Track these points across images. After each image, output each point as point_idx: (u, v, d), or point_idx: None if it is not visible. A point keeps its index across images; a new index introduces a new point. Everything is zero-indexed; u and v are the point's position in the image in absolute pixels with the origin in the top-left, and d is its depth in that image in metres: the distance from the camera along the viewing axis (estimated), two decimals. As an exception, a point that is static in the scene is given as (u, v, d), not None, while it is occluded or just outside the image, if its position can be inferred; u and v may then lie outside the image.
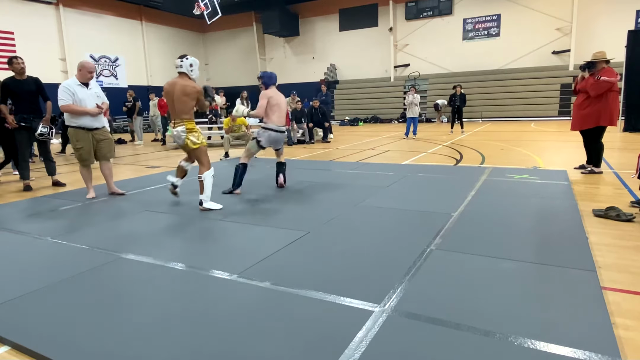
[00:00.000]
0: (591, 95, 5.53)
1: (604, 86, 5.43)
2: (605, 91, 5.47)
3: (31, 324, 2.13)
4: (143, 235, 3.59)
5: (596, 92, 5.47)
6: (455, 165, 6.94)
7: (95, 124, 5.07)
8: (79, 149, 5.03)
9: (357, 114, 21.59)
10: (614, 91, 5.52)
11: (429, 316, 2.06)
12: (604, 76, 5.45)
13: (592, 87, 5.50)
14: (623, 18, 16.85)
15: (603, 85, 5.43)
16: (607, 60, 5.59)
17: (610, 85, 5.43)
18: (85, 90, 4.97)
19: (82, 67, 5.01)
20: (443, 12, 20.46)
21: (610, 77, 5.44)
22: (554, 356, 1.71)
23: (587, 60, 5.80)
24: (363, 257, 2.90)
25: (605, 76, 5.45)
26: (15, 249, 3.37)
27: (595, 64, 5.60)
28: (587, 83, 5.62)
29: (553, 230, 3.36)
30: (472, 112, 18.58)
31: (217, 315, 2.15)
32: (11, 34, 16.71)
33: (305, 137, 11.66)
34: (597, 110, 5.54)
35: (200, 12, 19.36)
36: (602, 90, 5.46)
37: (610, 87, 5.45)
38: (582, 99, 5.70)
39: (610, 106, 5.52)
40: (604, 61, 5.58)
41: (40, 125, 5.70)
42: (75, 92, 4.87)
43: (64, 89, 4.86)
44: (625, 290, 2.32)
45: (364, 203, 4.43)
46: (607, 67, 5.55)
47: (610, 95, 5.51)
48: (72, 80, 4.97)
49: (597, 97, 5.50)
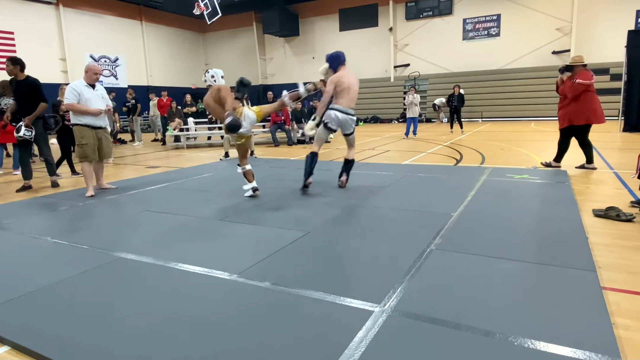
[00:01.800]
0: (568, 97, 5.93)
1: (579, 88, 5.82)
2: (582, 92, 5.84)
3: (31, 324, 2.13)
4: (143, 235, 3.59)
5: (573, 94, 5.87)
6: (455, 165, 6.94)
7: (99, 123, 5.34)
8: (83, 145, 5.24)
9: (357, 114, 21.46)
10: (590, 92, 5.87)
11: (429, 316, 2.05)
12: (579, 79, 5.83)
13: (569, 89, 5.91)
14: (623, 18, 16.85)
15: (579, 87, 5.82)
16: (584, 64, 5.97)
17: (586, 87, 5.81)
18: (91, 91, 5.24)
19: (89, 69, 5.29)
20: (443, 12, 20.45)
21: (586, 79, 5.81)
22: (554, 356, 1.71)
23: (565, 64, 6.24)
24: (363, 257, 2.90)
25: (581, 79, 5.83)
26: (15, 249, 3.37)
27: (573, 67, 6.01)
28: (565, 86, 6.05)
29: (553, 230, 3.36)
30: (472, 112, 18.59)
31: (217, 315, 2.15)
32: (11, 34, 16.71)
33: (306, 137, 11.66)
34: (574, 110, 5.94)
35: (200, 12, 19.37)
36: (578, 92, 5.85)
37: (587, 88, 5.82)
38: (562, 100, 6.15)
39: (588, 106, 5.88)
40: (581, 65, 5.96)
41: (23, 127, 5.68)
42: (82, 93, 5.14)
43: (70, 90, 5.14)
44: (625, 290, 2.32)
45: (364, 203, 4.43)
46: (583, 70, 5.92)
47: (588, 95, 5.87)
48: (79, 82, 5.25)
49: (575, 98, 5.88)
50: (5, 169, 8.07)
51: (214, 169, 7.31)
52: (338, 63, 5.03)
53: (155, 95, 14.33)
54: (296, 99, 5.11)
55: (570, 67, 6.06)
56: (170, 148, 11.95)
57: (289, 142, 11.29)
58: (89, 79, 5.24)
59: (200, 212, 4.32)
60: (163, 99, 13.53)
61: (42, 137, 5.97)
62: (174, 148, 11.92)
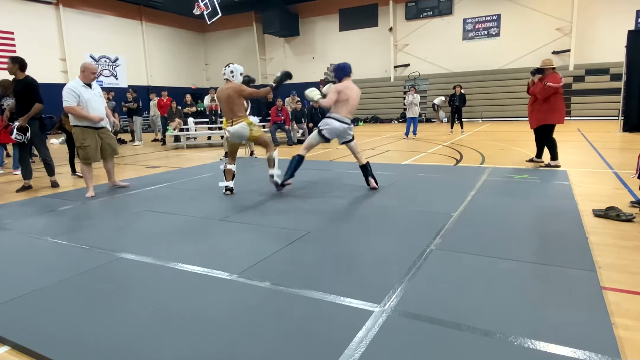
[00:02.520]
0: (539, 98, 6.26)
1: (549, 90, 6.13)
2: (552, 94, 6.16)
3: (31, 324, 2.13)
4: (143, 235, 3.59)
5: (543, 96, 6.20)
6: (455, 165, 6.94)
7: (100, 123, 5.31)
8: (85, 147, 5.18)
9: (357, 114, 21.51)
10: (558, 93, 6.22)
11: (429, 316, 2.05)
12: (549, 81, 6.13)
13: (540, 91, 6.23)
14: (623, 18, 16.84)
15: (548, 89, 6.13)
16: (553, 67, 6.31)
17: (555, 89, 6.13)
18: (89, 91, 5.15)
19: (85, 68, 5.20)
20: (443, 12, 20.44)
21: (555, 82, 6.12)
22: (554, 356, 1.71)
23: (536, 67, 6.50)
24: (363, 256, 2.90)
25: (551, 81, 6.12)
26: (15, 249, 3.37)
27: (544, 70, 6.30)
28: (536, 87, 6.33)
29: (553, 230, 3.36)
30: (472, 112, 18.58)
31: (217, 316, 2.15)
32: (11, 34, 16.71)
33: (306, 137, 11.66)
34: (544, 111, 6.28)
35: (200, 12, 19.35)
36: (548, 94, 6.16)
37: (556, 91, 6.15)
38: (533, 101, 6.46)
39: (556, 106, 6.24)
40: (551, 68, 6.28)
41: (15, 131, 5.67)
42: (81, 94, 5.04)
43: (69, 91, 5.00)
44: (625, 290, 2.32)
45: (364, 203, 4.43)
46: (553, 73, 6.22)
47: (556, 97, 6.21)
48: (76, 82, 5.13)
49: (545, 99, 6.21)
50: (5, 168, 8.08)
51: (214, 169, 7.31)
52: (344, 74, 5.06)
53: (155, 95, 14.33)
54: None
55: (541, 70, 6.35)
56: (170, 148, 11.95)
57: (289, 142, 11.29)
58: (85, 79, 5.14)
59: (200, 212, 4.32)
60: (163, 99, 13.53)
61: (38, 137, 5.94)
62: (174, 148, 11.92)
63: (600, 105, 17.06)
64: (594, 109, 17.14)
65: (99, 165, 5.44)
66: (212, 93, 13.58)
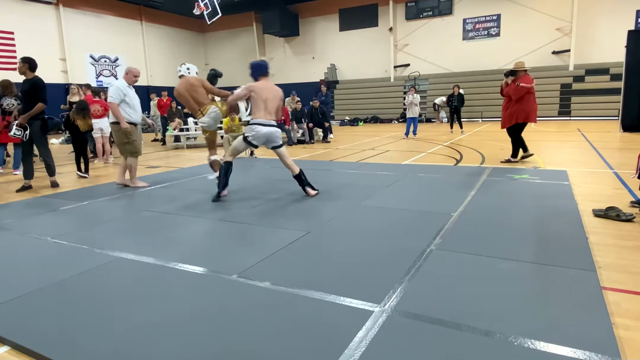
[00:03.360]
0: (512, 99, 6.57)
1: (522, 90, 6.47)
2: (524, 94, 6.49)
3: (31, 324, 2.13)
4: (143, 235, 3.59)
5: (516, 96, 6.53)
6: (455, 165, 6.95)
7: (139, 120, 5.86)
8: (133, 142, 5.67)
9: (357, 114, 21.58)
10: (531, 94, 6.54)
11: (429, 316, 2.05)
12: (522, 82, 6.48)
13: (513, 91, 6.55)
14: (623, 18, 16.84)
15: (521, 90, 6.48)
16: (525, 69, 6.65)
17: (527, 90, 6.46)
18: (133, 91, 5.68)
19: (129, 71, 5.68)
20: (443, 12, 20.44)
21: (527, 83, 6.47)
22: (554, 356, 1.71)
23: (509, 69, 6.83)
24: (363, 257, 2.90)
25: (523, 82, 6.48)
26: (15, 249, 3.37)
27: (516, 72, 6.64)
28: (509, 88, 6.66)
29: (553, 230, 3.36)
30: (472, 112, 18.58)
31: (216, 315, 2.15)
32: (11, 34, 16.70)
33: (305, 137, 11.66)
34: (517, 110, 6.59)
35: (200, 12, 19.36)
36: (520, 94, 6.49)
37: (528, 91, 6.48)
38: (507, 101, 6.78)
39: (528, 106, 6.56)
40: (523, 70, 6.62)
41: (14, 127, 5.70)
42: (127, 94, 5.53)
43: (116, 89, 5.47)
44: (625, 290, 2.32)
45: (364, 203, 4.43)
46: (525, 74, 6.58)
47: (528, 97, 6.53)
48: (122, 82, 5.58)
49: (518, 99, 6.53)
50: (5, 168, 8.07)
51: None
52: (260, 73, 4.77)
53: (155, 95, 14.32)
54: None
55: (514, 72, 6.68)
56: (170, 148, 11.95)
57: (289, 142, 11.29)
58: (128, 80, 5.59)
59: (200, 212, 4.33)
60: (163, 99, 13.52)
61: (39, 137, 5.94)
62: (174, 148, 11.92)
63: (600, 105, 17.05)
64: (594, 109, 17.13)
65: (97, 167, 5.42)
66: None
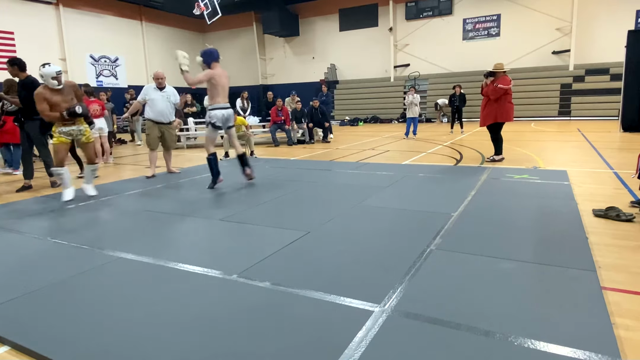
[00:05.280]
0: (491, 98, 6.81)
1: (499, 91, 6.69)
2: (501, 95, 6.70)
3: (31, 324, 2.13)
4: (143, 235, 3.59)
5: (494, 96, 6.75)
6: (455, 165, 6.95)
7: (161, 119, 6.58)
8: (147, 136, 6.64)
9: (357, 114, 21.58)
10: (509, 94, 6.79)
11: (429, 316, 2.06)
12: (500, 84, 6.70)
13: (492, 92, 6.77)
14: (623, 18, 16.85)
15: (499, 90, 6.69)
16: (504, 71, 6.84)
17: (504, 90, 6.69)
18: (158, 93, 6.56)
19: (154, 74, 6.75)
20: (443, 12, 20.44)
21: (505, 84, 6.69)
22: (554, 356, 1.71)
23: (489, 70, 7.02)
24: (363, 257, 2.90)
25: (501, 83, 6.69)
26: (15, 249, 3.37)
27: (495, 73, 6.84)
28: (488, 89, 6.87)
29: (553, 230, 3.36)
30: (472, 112, 18.56)
31: (216, 315, 2.15)
32: (11, 34, 16.70)
33: (305, 137, 11.66)
34: (495, 110, 6.82)
35: (200, 12, 19.36)
36: (498, 95, 6.71)
37: (505, 92, 6.71)
38: (485, 101, 6.98)
39: (505, 106, 6.79)
40: (502, 71, 6.82)
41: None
42: (149, 94, 6.51)
43: (143, 89, 6.66)
44: (625, 290, 2.32)
45: (364, 203, 4.43)
46: (503, 76, 6.77)
47: (506, 97, 6.76)
48: (151, 85, 6.67)
49: (495, 99, 6.76)
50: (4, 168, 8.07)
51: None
52: (212, 59, 5.23)
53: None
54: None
55: (493, 73, 6.88)
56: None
57: (289, 142, 11.29)
58: (155, 82, 6.57)
59: (200, 212, 4.33)
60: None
61: (38, 138, 5.95)
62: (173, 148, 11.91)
63: (600, 105, 17.05)
64: (594, 109, 17.13)
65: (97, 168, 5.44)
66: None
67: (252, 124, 10.33)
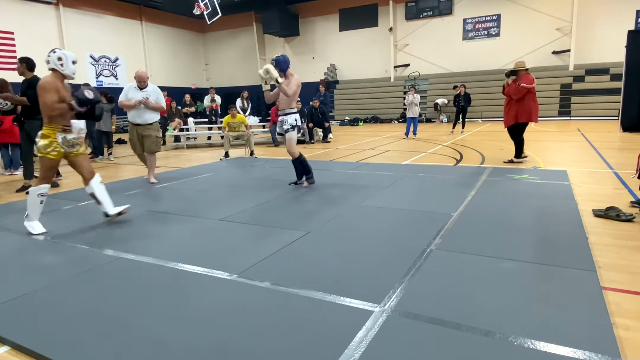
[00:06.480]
0: (513, 98, 6.60)
1: (523, 90, 6.50)
2: (525, 94, 6.50)
3: (31, 324, 2.13)
4: (143, 235, 3.59)
5: (517, 96, 6.55)
6: (455, 165, 6.94)
7: (136, 120, 6.00)
8: (129, 139, 6.22)
9: (357, 114, 21.58)
10: (531, 93, 6.57)
11: (429, 316, 2.05)
12: (523, 82, 6.50)
13: (515, 91, 6.58)
14: (623, 18, 16.84)
15: (522, 89, 6.50)
16: (526, 69, 6.66)
17: (527, 90, 6.49)
18: (138, 92, 5.97)
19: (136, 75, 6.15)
20: (443, 12, 20.44)
21: (528, 83, 6.49)
22: (554, 356, 1.71)
23: (510, 69, 6.83)
24: (363, 257, 2.90)
25: (524, 82, 6.50)
26: (15, 249, 3.37)
27: (517, 72, 6.65)
28: (510, 88, 6.67)
29: (553, 230, 3.36)
30: (472, 112, 18.53)
31: (216, 315, 2.15)
32: (11, 34, 16.70)
33: (305, 137, 11.66)
34: (518, 110, 6.63)
35: (200, 12, 19.37)
36: (521, 94, 6.51)
37: (529, 91, 6.51)
38: (507, 101, 6.81)
39: (529, 106, 6.59)
40: (524, 69, 6.64)
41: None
42: (128, 93, 6.00)
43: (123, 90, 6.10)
44: (625, 290, 2.32)
45: (364, 203, 4.43)
46: (525, 74, 6.58)
47: (529, 97, 6.56)
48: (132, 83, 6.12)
49: (518, 99, 6.56)
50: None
51: (214, 169, 7.31)
52: (287, 66, 5.15)
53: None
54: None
55: (515, 72, 6.69)
56: (170, 148, 11.95)
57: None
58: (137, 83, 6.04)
59: (200, 212, 4.32)
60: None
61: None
62: (174, 148, 11.92)
63: (600, 105, 17.05)
64: (594, 109, 17.13)
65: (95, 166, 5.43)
66: (212, 93, 13.59)
67: (252, 123, 10.33)
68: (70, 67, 3.86)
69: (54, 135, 3.70)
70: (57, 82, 3.77)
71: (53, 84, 3.72)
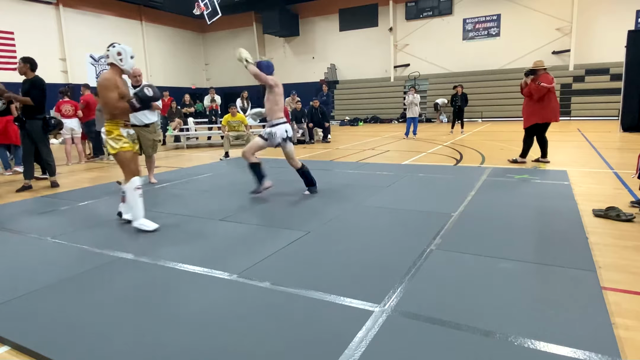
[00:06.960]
0: (534, 98, 6.50)
1: (542, 90, 6.40)
2: (545, 94, 6.41)
3: (31, 324, 2.13)
4: (143, 235, 3.59)
5: (537, 95, 6.45)
6: (455, 165, 6.94)
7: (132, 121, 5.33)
8: None
9: (357, 114, 21.58)
10: (551, 92, 6.48)
11: (429, 316, 2.05)
12: (542, 82, 6.41)
13: (534, 91, 6.47)
14: (623, 18, 16.84)
15: (542, 89, 6.40)
16: (545, 68, 6.58)
17: (547, 89, 6.41)
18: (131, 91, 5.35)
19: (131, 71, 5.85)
20: (443, 12, 20.44)
21: (548, 82, 6.41)
22: (554, 356, 1.71)
23: (529, 68, 6.72)
24: (363, 257, 2.90)
25: (543, 82, 6.41)
26: (15, 249, 3.37)
27: (537, 71, 6.55)
28: (530, 87, 6.57)
29: (553, 230, 3.36)
30: (472, 112, 18.56)
31: (216, 316, 2.15)
32: (11, 34, 16.69)
33: (305, 137, 11.66)
34: (539, 109, 6.53)
35: (200, 12, 19.36)
36: (541, 94, 6.42)
37: (549, 90, 6.42)
38: (527, 101, 6.70)
39: (550, 105, 6.50)
40: (543, 69, 6.55)
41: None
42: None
43: None
44: (625, 290, 2.32)
45: (364, 203, 4.43)
46: (544, 74, 6.50)
47: (549, 96, 6.47)
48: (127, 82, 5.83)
49: (539, 99, 6.47)
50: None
51: (214, 169, 7.31)
52: (269, 72, 4.74)
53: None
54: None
55: (534, 71, 6.59)
56: (170, 148, 11.95)
57: (289, 142, 11.27)
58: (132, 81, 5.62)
59: (200, 212, 4.32)
60: (164, 99, 13.51)
61: (41, 137, 5.96)
62: (174, 148, 11.92)
63: (600, 105, 17.05)
64: (594, 109, 17.13)
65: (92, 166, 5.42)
66: (212, 93, 13.60)
67: (251, 123, 10.32)
68: (129, 62, 3.87)
69: (117, 130, 3.68)
70: (116, 77, 3.74)
71: (113, 81, 3.68)
